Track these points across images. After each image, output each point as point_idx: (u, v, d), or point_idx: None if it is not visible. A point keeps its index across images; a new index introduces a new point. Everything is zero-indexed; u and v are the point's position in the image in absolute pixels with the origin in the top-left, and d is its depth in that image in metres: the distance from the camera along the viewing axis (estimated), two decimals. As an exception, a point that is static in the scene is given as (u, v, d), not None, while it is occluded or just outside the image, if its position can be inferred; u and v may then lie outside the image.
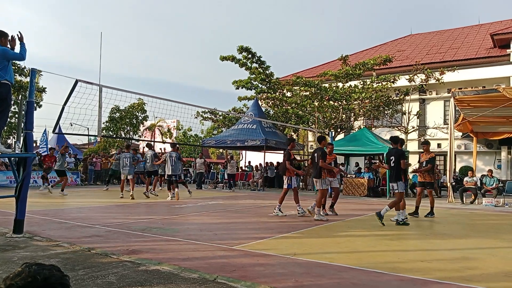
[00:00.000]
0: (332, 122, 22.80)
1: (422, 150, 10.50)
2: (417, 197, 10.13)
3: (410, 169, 14.29)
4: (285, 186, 9.68)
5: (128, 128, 33.84)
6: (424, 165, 10.01)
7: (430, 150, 10.20)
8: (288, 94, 24.80)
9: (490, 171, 16.18)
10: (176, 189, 13.36)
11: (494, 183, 15.04)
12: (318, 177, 9.08)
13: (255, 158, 25.93)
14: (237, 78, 25.67)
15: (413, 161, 21.05)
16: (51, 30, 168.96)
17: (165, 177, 14.24)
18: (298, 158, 28.57)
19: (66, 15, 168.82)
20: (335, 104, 22.70)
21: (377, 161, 21.66)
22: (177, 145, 14.75)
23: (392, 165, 8.67)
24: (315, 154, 9.20)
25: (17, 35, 6.10)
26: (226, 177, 21.36)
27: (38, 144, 28.47)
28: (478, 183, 15.56)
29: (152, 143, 39.09)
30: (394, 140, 9.10)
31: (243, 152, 28.72)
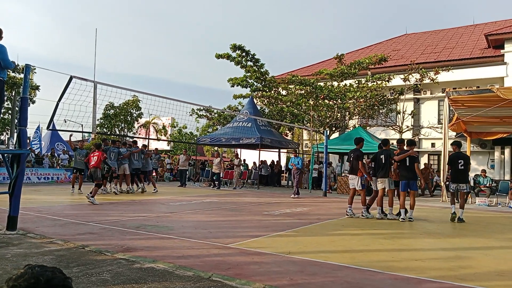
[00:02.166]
0: (327, 121, 22.85)
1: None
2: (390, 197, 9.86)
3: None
4: (358, 188, 9.66)
5: (123, 125, 33.69)
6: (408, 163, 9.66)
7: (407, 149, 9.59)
8: (283, 92, 24.81)
9: (484, 171, 16.27)
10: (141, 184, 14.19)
11: (488, 183, 15.14)
12: (386, 176, 9.32)
13: (250, 156, 25.95)
14: (233, 76, 25.68)
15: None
16: (45, 26, 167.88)
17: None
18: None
19: (61, 11, 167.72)
20: (330, 103, 22.75)
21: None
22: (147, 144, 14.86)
23: (461, 168, 9.30)
24: (381, 156, 9.42)
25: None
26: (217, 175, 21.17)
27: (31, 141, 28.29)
28: (472, 183, 15.65)
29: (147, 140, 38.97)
30: (459, 144, 9.70)
31: (238, 150, 28.72)
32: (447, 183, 14.71)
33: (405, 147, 9.49)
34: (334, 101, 22.64)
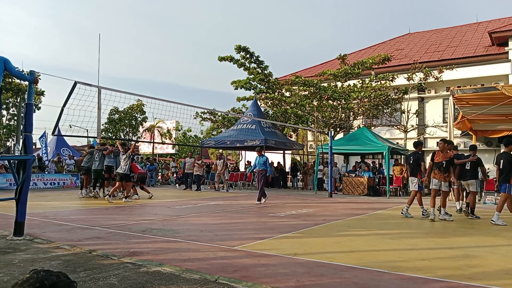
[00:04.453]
0: (331, 121, 22.81)
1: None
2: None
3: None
4: (414, 189, 9.92)
5: (128, 129, 33.82)
6: (444, 165, 9.49)
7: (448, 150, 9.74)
8: (287, 94, 24.81)
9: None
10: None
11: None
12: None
13: (254, 158, 25.92)
14: (236, 79, 25.71)
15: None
16: (47, 32, 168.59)
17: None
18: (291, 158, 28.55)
19: (62, 16, 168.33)
20: (334, 103, 22.71)
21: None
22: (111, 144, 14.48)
23: (501, 167, 8.99)
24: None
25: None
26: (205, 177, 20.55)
27: (38, 146, 28.49)
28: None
29: (152, 144, 39.05)
30: (474, 147, 10.38)
31: (243, 152, 28.75)
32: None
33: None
34: (338, 102, 22.60)
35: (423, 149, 25.48)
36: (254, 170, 13.33)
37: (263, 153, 13.65)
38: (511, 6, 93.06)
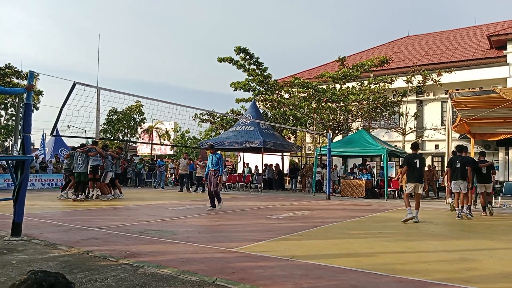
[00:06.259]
0: (330, 123, 22.83)
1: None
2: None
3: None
4: (464, 191, 10.37)
5: (126, 130, 33.79)
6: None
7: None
8: (286, 95, 24.84)
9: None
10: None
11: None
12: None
13: (253, 160, 25.95)
14: (235, 80, 25.74)
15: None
16: (47, 32, 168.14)
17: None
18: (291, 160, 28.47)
19: (62, 16, 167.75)
20: (333, 105, 22.74)
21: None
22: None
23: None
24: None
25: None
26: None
27: (36, 147, 28.44)
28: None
29: (150, 145, 38.99)
30: (483, 153, 11.58)
31: (241, 153, 28.73)
32: None
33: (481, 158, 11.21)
34: (337, 104, 22.63)
35: (421, 152, 25.59)
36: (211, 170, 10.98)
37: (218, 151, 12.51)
38: (510, 9, 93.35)
